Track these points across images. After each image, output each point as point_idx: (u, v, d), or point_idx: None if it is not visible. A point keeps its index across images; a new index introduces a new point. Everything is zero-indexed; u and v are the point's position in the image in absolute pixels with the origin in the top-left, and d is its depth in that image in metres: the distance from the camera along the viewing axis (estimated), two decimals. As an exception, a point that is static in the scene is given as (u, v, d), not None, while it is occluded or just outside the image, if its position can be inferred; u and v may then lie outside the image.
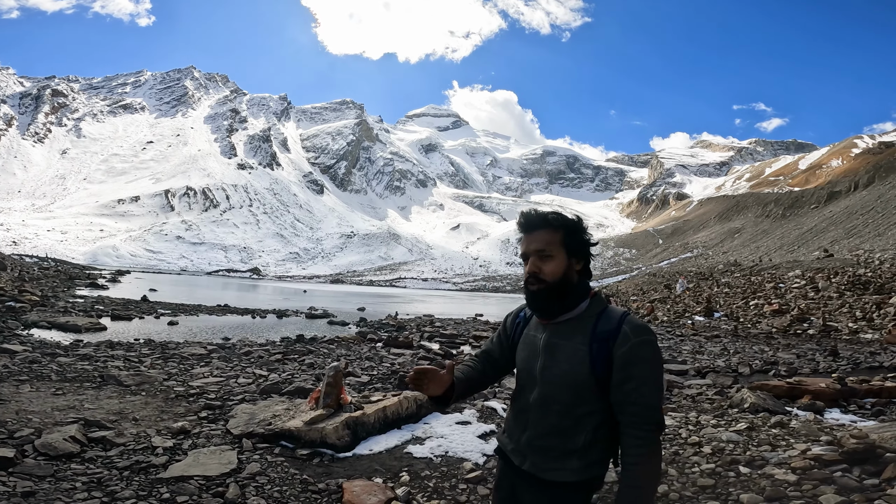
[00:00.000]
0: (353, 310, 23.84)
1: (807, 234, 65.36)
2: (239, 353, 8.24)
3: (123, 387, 5.49)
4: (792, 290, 19.50)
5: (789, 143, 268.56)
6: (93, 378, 5.80)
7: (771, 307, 17.46)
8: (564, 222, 1.45)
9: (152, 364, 6.87)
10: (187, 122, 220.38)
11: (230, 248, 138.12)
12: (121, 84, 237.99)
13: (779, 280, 22.49)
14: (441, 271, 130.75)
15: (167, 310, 16.71)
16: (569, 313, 1.43)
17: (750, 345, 11.78)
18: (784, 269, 25.79)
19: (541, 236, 1.44)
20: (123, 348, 8.21)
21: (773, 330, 14.49)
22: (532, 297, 1.45)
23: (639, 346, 1.34)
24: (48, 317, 11.46)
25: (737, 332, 14.34)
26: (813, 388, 5.67)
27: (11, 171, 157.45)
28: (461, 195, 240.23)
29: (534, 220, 1.47)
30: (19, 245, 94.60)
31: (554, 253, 1.42)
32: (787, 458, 3.56)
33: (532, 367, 1.47)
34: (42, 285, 22.70)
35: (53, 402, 4.64)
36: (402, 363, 8.28)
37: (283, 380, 6.19)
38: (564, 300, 1.42)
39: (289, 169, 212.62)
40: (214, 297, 26.18)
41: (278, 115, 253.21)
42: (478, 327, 16.23)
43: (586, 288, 1.47)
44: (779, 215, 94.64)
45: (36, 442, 3.49)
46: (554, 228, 1.44)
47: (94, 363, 6.65)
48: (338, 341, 10.75)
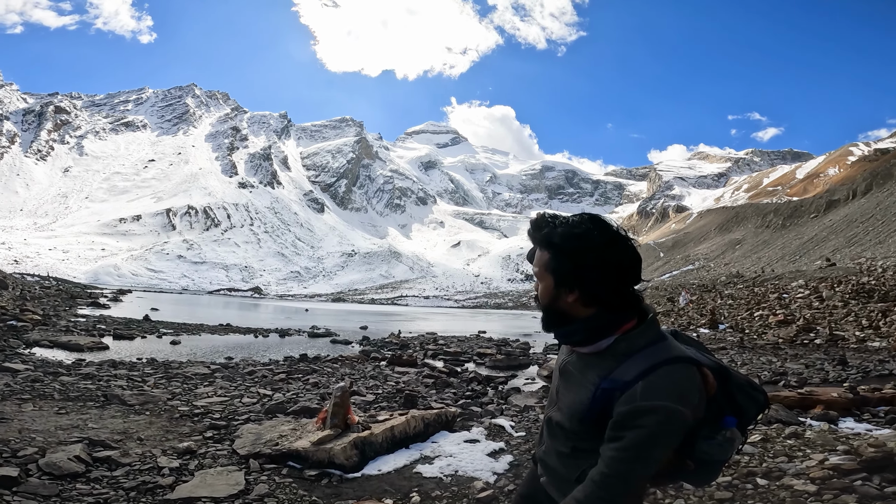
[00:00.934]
0: (355, 328, 23.72)
1: (808, 244, 65.51)
2: (243, 373, 8.18)
3: (127, 406, 5.44)
4: (796, 301, 19.44)
5: (785, 153, 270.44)
6: (96, 397, 5.76)
7: (776, 318, 17.35)
8: (553, 242, 1.21)
9: (156, 383, 6.82)
10: (189, 140, 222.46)
11: (231, 267, 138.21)
12: (123, 101, 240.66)
13: (782, 290, 22.43)
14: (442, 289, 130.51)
15: (169, 329, 16.64)
16: (586, 347, 1.23)
17: (757, 356, 11.71)
18: (787, 280, 25.80)
19: (538, 254, 1.26)
20: (126, 368, 8.16)
21: (779, 340, 14.38)
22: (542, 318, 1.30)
23: (643, 412, 1.08)
24: (50, 336, 11.41)
25: (743, 344, 14.24)
26: (825, 397, 5.64)
27: (14, 189, 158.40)
28: (461, 212, 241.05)
29: (531, 233, 1.28)
30: (21, 264, 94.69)
31: (541, 278, 1.24)
32: (804, 468, 3.53)
33: (554, 385, 1.37)
34: (43, 304, 22.66)
35: (57, 422, 4.60)
36: (407, 382, 8.21)
37: (288, 399, 6.13)
38: (566, 330, 1.24)
39: (289, 187, 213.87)
40: (216, 317, 26.09)
41: (279, 132, 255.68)
42: (481, 344, 16.13)
43: (610, 323, 1.19)
44: (779, 225, 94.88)
45: (40, 461, 3.45)
46: (543, 249, 1.24)
47: (96, 382, 6.60)
48: (341, 360, 10.67)
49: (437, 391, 7.74)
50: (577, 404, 1.21)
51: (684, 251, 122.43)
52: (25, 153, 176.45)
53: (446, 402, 6.87)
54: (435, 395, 7.39)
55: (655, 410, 1.07)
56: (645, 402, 1.07)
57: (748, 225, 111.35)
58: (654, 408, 1.07)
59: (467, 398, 7.35)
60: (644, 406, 1.07)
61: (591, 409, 1.16)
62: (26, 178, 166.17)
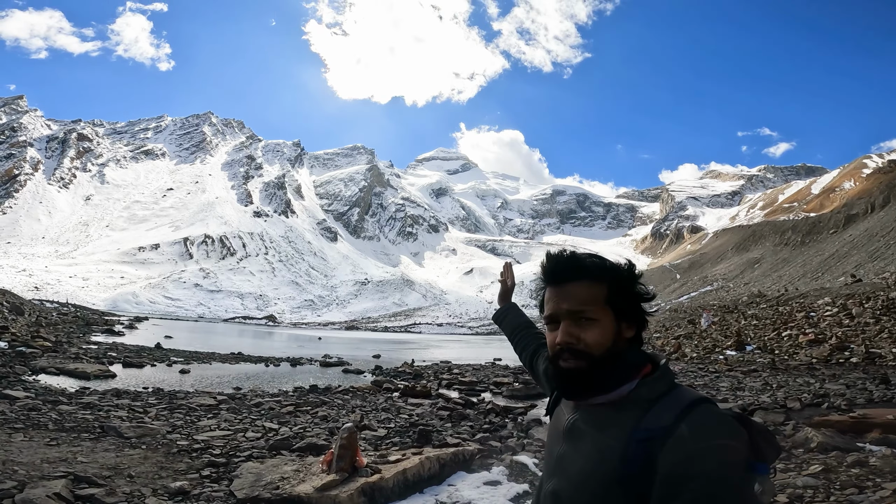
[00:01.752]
0: (368, 357, 23.26)
1: (829, 260, 64.12)
2: (249, 405, 7.81)
3: (123, 439, 5.12)
4: (825, 319, 18.94)
5: (799, 168, 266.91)
6: (92, 428, 5.45)
7: (806, 337, 16.88)
8: (611, 271, 1.05)
9: (157, 415, 6.49)
10: (205, 168, 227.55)
11: (246, 295, 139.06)
12: (143, 129, 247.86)
13: (809, 309, 21.87)
14: (456, 316, 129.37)
15: (180, 357, 16.40)
16: (604, 395, 1.01)
17: (792, 377, 11.19)
18: (812, 298, 25.19)
19: (577, 291, 1.02)
20: (130, 397, 7.86)
21: (813, 360, 13.91)
22: (564, 376, 1.02)
23: (700, 454, 0.88)
24: (58, 363, 11.23)
25: (775, 365, 13.72)
26: (881, 420, 5.20)
27: (36, 217, 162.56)
28: (473, 239, 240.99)
29: (566, 267, 1.06)
30: (41, 290, 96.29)
31: (597, 315, 1.01)
32: (878, 499, 3.22)
33: (553, 450, 1.09)
34: (58, 331, 22.70)
35: (45, 454, 4.29)
36: (421, 414, 7.76)
37: (295, 434, 5.74)
38: (607, 380, 1.00)
39: (303, 216, 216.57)
40: (229, 345, 25.86)
41: (292, 161, 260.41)
42: (497, 373, 15.56)
43: (635, 363, 1.02)
44: (798, 242, 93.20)
45: (17, 497, 3.15)
46: (595, 280, 1.03)
47: (95, 412, 6.30)
48: (353, 391, 10.25)
49: (453, 424, 7.28)
50: (598, 467, 0.97)
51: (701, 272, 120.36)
52: (49, 180, 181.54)
53: (463, 436, 6.41)
54: (450, 428, 6.94)
55: (717, 449, 0.88)
56: (698, 443, 0.89)
57: (766, 243, 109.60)
58: (713, 447, 0.88)
59: (485, 432, 6.90)
60: (699, 447, 0.88)
61: (626, 468, 0.93)
62: (49, 206, 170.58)
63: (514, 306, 1.72)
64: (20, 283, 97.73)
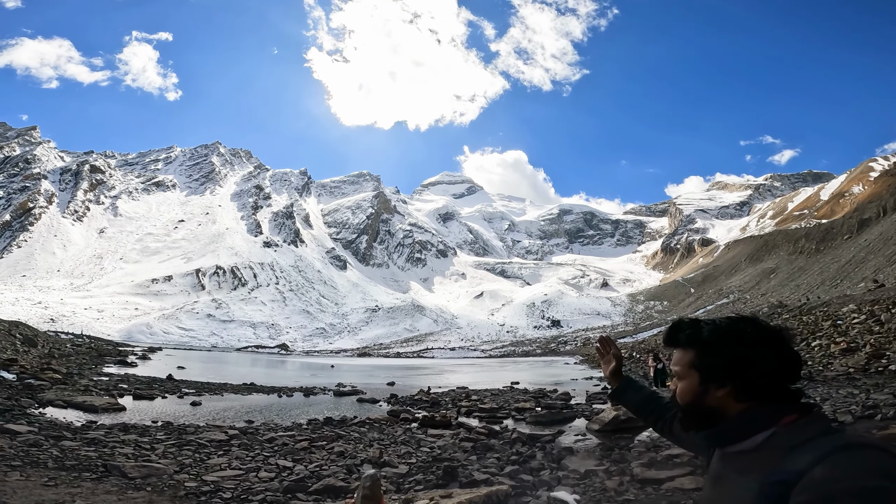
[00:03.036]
0: (382, 384, 22.70)
1: (847, 267, 62.92)
2: (262, 440, 7.39)
3: (127, 479, 4.74)
4: (854, 326, 18.49)
5: (805, 175, 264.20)
6: (94, 467, 5.08)
7: (838, 346, 16.40)
8: (699, 340, 1.19)
9: (165, 452, 6.11)
10: (215, 199, 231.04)
11: (258, 325, 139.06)
12: (153, 160, 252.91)
13: (835, 317, 21.34)
14: (468, 339, 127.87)
15: (191, 389, 16.03)
16: (739, 444, 1.10)
17: (834, 389, 10.67)
18: (836, 305, 24.60)
19: (676, 353, 1.24)
20: (137, 432, 7.49)
21: (850, 370, 13.33)
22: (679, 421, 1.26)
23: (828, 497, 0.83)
24: (66, 395, 10.91)
25: (812, 377, 13.19)
26: None
27: (51, 251, 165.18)
28: (482, 262, 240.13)
29: (669, 335, 1.27)
30: (57, 322, 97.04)
31: (685, 375, 1.20)
32: None
33: (704, 495, 1.20)
34: (70, 362, 22.52)
35: (41, 495, 3.92)
36: (443, 447, 7.28)
37: (311, 473, 5.32)
38: (720, 427, 1.13)
39: (312, 245, 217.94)
40: (242, 375, 25.47)
41: (299, 190, 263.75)
42: (517, 397, 14.94)
43: (770, 416, 1.08)
44: (812, 250, 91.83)
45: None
46: (686, 348, 1.21)
47: (99, 449, 5.94)
48: (369, 423, 9.77)
49: (478, 456, 6.80)
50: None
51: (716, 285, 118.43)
52: (63, 213, 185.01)
53: (490, 470, 5.94)
54: (476, 462, 6.45)
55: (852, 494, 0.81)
56: (829, 485, 0.84)
57: (780, 252, 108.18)
58: (848, 490, 0.82)
59: (514, 464, 6.41)
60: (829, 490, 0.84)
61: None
62: (63, 239, 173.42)
63: (630, 382, 1.69)
64: (36, 315, 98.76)
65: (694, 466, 4.96)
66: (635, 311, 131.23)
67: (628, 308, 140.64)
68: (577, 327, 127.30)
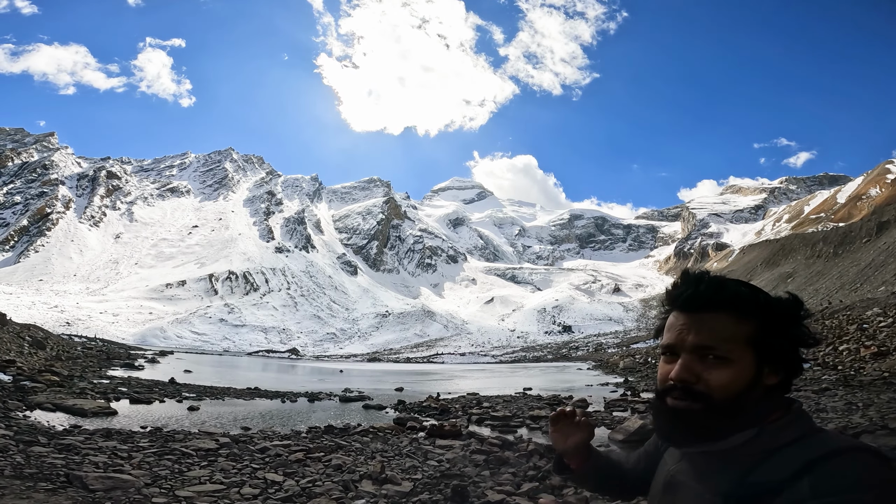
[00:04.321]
0: (390, 390, 22.02)
1: (867, 270, 61.69)
2: (253, 450, 6.73)
3: (87, 492, 4.12)
4: (882, 330, 18.04)
5: (821, 178, 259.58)
6: (54, 477, 4.47)
7: (868, 350, 15.94)
8: (766, 307, 0.87)
9: (142, 461, 5.49)
10: (228, 205, 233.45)
11: (270, 329, 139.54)
12: (168, 166, 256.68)
13: (860, 321, 20.78)
14: (478, 345, 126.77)
15: (192, 393, 15.50)
16: (718, 443, 0.86)
17: (874, 394, 10.07)
18: (860, 309, 23.99)
19: (714, 323, 0.86)
20: (120, 438, 6.89)
21: (885, 374, 12.92)
22: (671, 417, 0.88)
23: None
24: (57, 398, 10.42)
25: (847, 382, 12.57)
26: None
27: (68, 256, 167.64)
28: (492, 268, 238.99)
29: (707, 293, 0.88)
30: (72, 326, 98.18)
31: (734, 356, 0.84)
32: None
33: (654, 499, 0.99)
34: (74, 365, 22.23)
35: (-21, 512, 3.33)
36: (452, 460, 6.57)
37: (301, 490, 4.65)
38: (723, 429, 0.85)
39: (323, 251, 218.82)
40: (248, 380, 24.96)
41: (311, 196, 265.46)
42: (531, 404, 14.15)
43: (760, 412, 0.86)
44: (830, 254, 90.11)
45: None
46: (742, 316, 0.86)
47: (69, 457, 5.34)
48: (373, 432, 9.08)
49: (491, 472, 6.09)
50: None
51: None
52: (80, 219, 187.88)
53: (506, 488, 5.23)
54: (489, 478, 5.74)
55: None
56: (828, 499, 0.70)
57: (797, 257, 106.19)
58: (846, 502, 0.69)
59: (532, 480, 5.69)
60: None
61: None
62: (80, 245, 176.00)
63: (600, 456, 1.23)
64: (52, 318, 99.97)
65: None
66: (648, 317, 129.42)
67: (641, 313, 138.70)
68: (589, 333, 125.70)
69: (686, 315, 0.88)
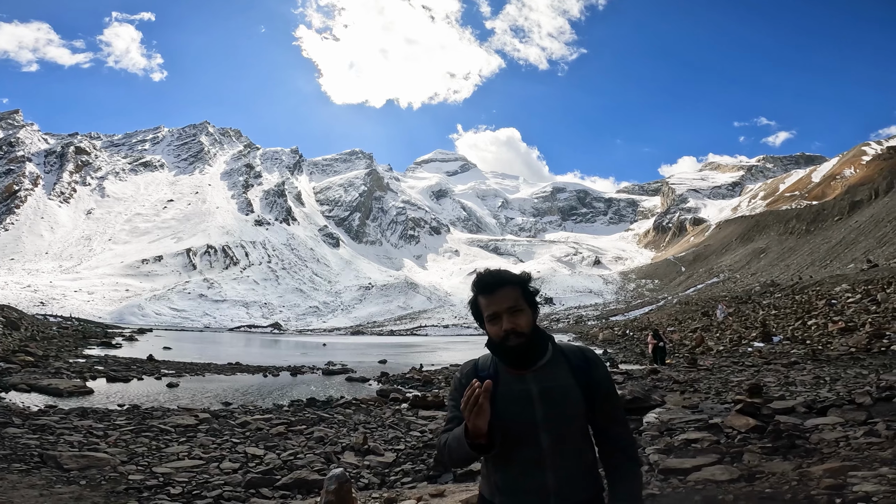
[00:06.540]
0: (373, 362, 22.15)
1: (837, 248, 63.39)
2: (234, 425, 6.69)
3: (61, 471, 4.05)
4: (849, 306, 18.40)
5: (798, 157, 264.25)
6: (28, 457, 4.38)
7: (836, 325, 16.19)
8: (522, 279, 1.58)
9: (118, 440, 5.41)
10: (205, 178, 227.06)
11: (251, 304, 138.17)
12: (140, 141, 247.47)
13: (829, 296, 21.21)
14: (461, 317, 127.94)
15: (171, 370, 15.32)
16: (543, 358, 1.53)
17: (841, 369, 10.28)
18: (829, 285, 24.43)
19: (508, 293, 1.52)
20: (96, 417, 6.78)
21: (851, 350, 13.14)
22: (512, 351, 1.49)
23: (604, 367, 1.58)
24: (32, 379, 10.19)
25: (816, 357, 12.83)
26: None
27: (39, 233, 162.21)
28: (475, 240, 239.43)
29: (497, 279, 1.55)
30: (47, 305, 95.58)
31: (523, 307, 1.52)
32: None
33: (531, 417, 1.46)
34: (51, 345, 21.73)
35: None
36: (434, 430, 6.64)
37: (282, 463, 4.64)
38: (538, 348, 1.52)
39: (304, 223, 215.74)
40: (229, 355, 24.79)
41: (291, 168, 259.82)
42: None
43: (547, 335, 1.59)
44: (803, 231, 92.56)
45: None
46: (515, 285, 1.55)
47: (44, 437, 5.24)
48: (356, 404, 9.12)
49: (473, 441, 6.17)
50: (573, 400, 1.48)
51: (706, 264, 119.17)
52: (49, 195, 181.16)
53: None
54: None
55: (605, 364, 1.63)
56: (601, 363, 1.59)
57: (770, 233, 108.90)
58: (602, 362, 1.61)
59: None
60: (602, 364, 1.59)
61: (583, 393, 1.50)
62: (51, 221, 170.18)
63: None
64: (25, 298, 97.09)
65: (720, 454, 4.33)
66: (627, 290, 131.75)
67: (620, 286, 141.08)
68: (570, 305, 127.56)
69: (494, 294, 1.52)
